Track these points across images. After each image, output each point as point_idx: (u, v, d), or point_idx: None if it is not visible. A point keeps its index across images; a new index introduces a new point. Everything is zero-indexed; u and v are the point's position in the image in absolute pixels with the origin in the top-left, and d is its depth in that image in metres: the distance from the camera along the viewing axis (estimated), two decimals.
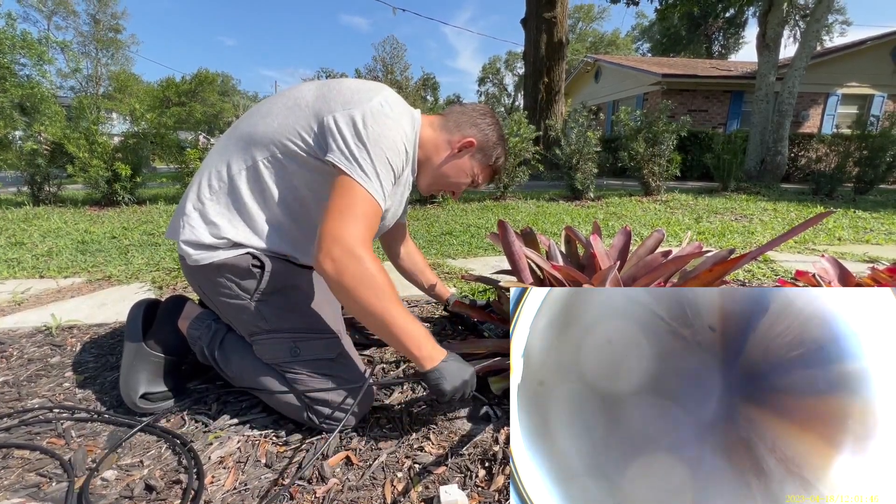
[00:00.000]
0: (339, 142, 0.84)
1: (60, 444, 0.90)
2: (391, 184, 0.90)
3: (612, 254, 1.28)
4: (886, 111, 11.45)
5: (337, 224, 0.80)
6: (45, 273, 2.18)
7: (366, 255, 0.80)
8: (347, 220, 0.81)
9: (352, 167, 0.83)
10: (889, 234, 3.31)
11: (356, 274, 0.78)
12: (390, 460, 0.85)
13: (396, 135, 0.88)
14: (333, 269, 0.79)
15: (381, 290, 0.80)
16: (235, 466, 0.83)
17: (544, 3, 8.64)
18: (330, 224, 0.81)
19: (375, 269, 0.80)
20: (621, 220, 3.94)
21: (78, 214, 4.15)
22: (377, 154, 0.85)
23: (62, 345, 1.37)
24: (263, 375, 0.95)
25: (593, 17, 37.98)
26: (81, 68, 27.05)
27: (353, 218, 0.81)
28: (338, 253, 0.79)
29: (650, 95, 12.14)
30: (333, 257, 0.79)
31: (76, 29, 29.49)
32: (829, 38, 24.13)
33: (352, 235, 0.80)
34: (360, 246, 0.80)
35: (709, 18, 24.70)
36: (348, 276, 0.78)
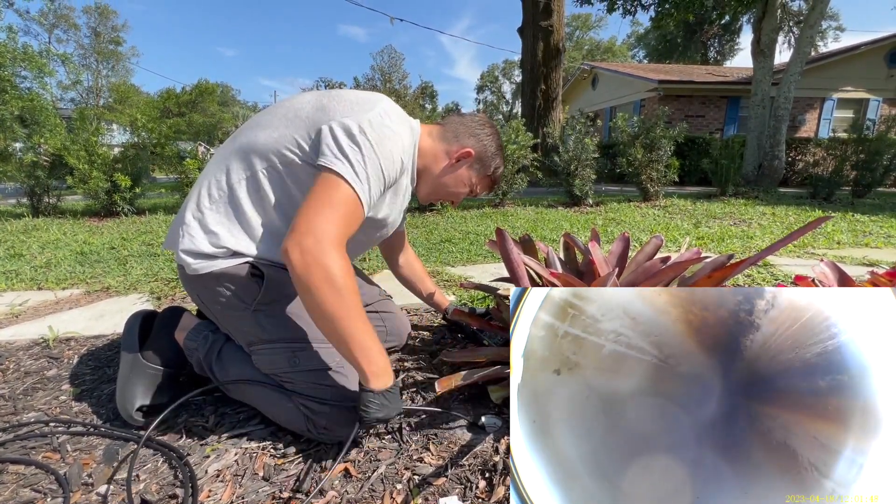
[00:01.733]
0: (332, 146, 0.83)
1: (56, 458, 0.89)
2: (378, 193, 0.89)
3: (611, 260, 1.28)
4: (882, 115, 11.56)
5: (314, 215, 0.77)
6: (44, 285, 2.18)
7: (337, 254, 0.77)
8: (327, 214, 0.78)
9: (343, 165, 0.81)
10: (888, 238, 3.31)
11: (323, 271, 0.74)
12: (389, 472, 0.84)
13: (395, 145, 0.89)
14: (301, 261, 0.74)
15: (347, 293, 0.76)
16: (232, 480, 0.82)
17: (541, 12, 8.73)
18: (307, 214, 0.77)
19: (344, 272, 0.76)
20: (620, 225, 3.94)
21: (77, 225, 4.15)
22: (371, 160, 0.84)
23: (59, 357, 1.36)
24: (262, 387, 0.95)
25: (590, 25, 38.36)
26: (82, 80, 27.27)
27: (334, 213, 0.78)
28: (309, 244, 0.75)
29: (647, 102, 12.22)
30: (303, 248, 0.75)
31: (77, 42, 29.81)
32: (823, 43, 24.42)
33: (328, 231, 0.77)
34: (334, 243, 0.77)
35: (704, 25, 24.95)
36: (314, 271, 0.74)
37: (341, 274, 0.76)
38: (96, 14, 29.92)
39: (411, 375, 1.22)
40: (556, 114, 9.24)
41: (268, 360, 0.94)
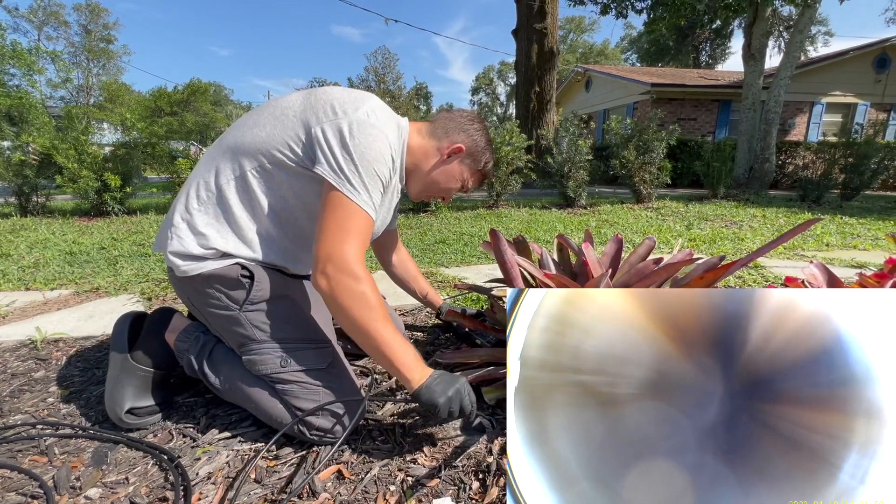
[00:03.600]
0: (327, 154, 0.85)
1: (43, 461, 0.87)
2: (380, 194, 0.90)
3: (604, 261, 1.28)
4: (870, 119, 11.74)
5: (330, 242, 0.83)
6: (31, 285, 2.14)
7: (359, 273, 0.82)
8: (340, 237, 0.83)
9: (341, 182, 0.84)
10: (875, 240, 3.36)
11: (348, 292, 0.81)
12: (383, 473, 0.83)
13: (383, 145, 0.88)
14: (328, 286, 0.81)
15: (373, 309, 0.82)
16: (224, 482, 0.81)
17: (535, 15, 8.76)
18: (323, 242, 0.83)
19: (368, 288, 0.82)
20: (613, 227, 3.97)
21: (66, 225, 4.10)
22: (365, 166, 0.85)
23: (47, 359, 1.34)
24: (253, 388, 0.94)
25: (584, 28, 38.63)
26: (72, 78, 26.93)
27: (346, 234, 0.83)
28: (331, 271, 0.81)
29: (640, 104, 12.31)
30: (328, 275, 0.81)
31: (67, 39, 29.44)
32: (812, 48, 24.81)
33: (345, 252, 0.82)
34: (353, 263, 0.82)
35: (696, 29, 25.22)
36: (341, 293, 0.81)
37: (364, 291, 0.82)
38: (87, 12, 29.59)
39: None
40: (550, 116, 9.27)
41: (259, 362, 0.93)
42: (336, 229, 0.84)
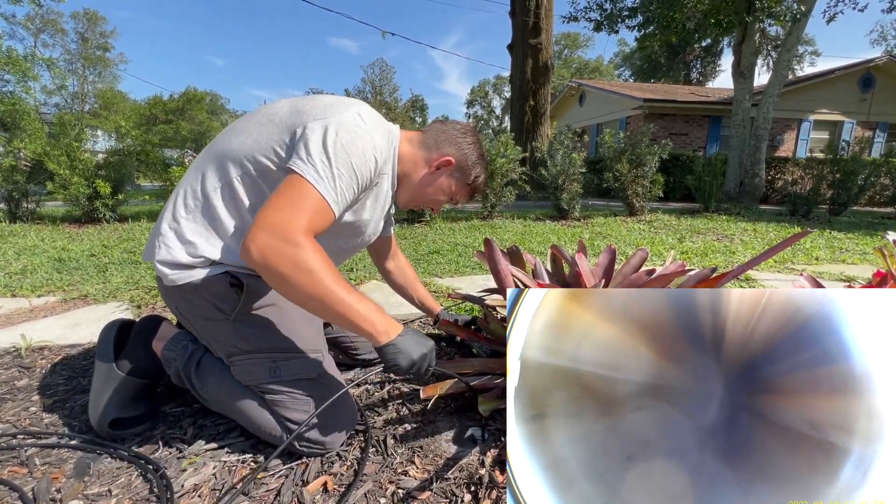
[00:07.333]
0: (300, 147, 0.82)
1: (23, 472, 0.85)
2: (352, 193, 0.86)
3: (598, 272, 1.29)
4: (856, 136, 11.99)
5: (271, 213, 0.75)
6: (18, 292, 2.11)
7: (299, 240, 0.74)
8: (287, 210, 0.76)
9: (305, 167, 0.79)
10: (863, 255, 3.41)
11: (282, 258, 0.72)
12: (373, 485, 0.82)
13: (366, 144, 0.86)
14: (258, 254, 0.72)
15: (315, 271, 0.73)
16: (210, 494, 0.79)
17: (530, 30, 8.92)
18: (264, 213, 0.76)
19: (309, 254, 0.73)
20: (606, 239, 3.99)
21: (56, 232, 4.05)
22: (340, 158, 0.81)
23: (31, 367, 1.31)
24: (241, 398, 0.92)
25: (578, 44, 39.35)
26: (67, 85, 26.85)
27: (295, 209, 0.76)
28: (264, 237, 0.73)
29: (632, 119, 12.49)
30: (258, 242, 0.73)
31: (63, 47, 29.42)
32: (800, 67, 25.43)
33: (288, 222, 0.74)
34: (295, 231, 0.74)
35: (686, 47, 25.76)
36: (273, 259, 0.72)
37: (302, 255, 0.73)
38: (85, 20, 29.65)
39: (397, 387, 1.21)
40: (545, 129, 9.38)
41: (248, 371, 0.92)
42: (284, 204, 0.76)
